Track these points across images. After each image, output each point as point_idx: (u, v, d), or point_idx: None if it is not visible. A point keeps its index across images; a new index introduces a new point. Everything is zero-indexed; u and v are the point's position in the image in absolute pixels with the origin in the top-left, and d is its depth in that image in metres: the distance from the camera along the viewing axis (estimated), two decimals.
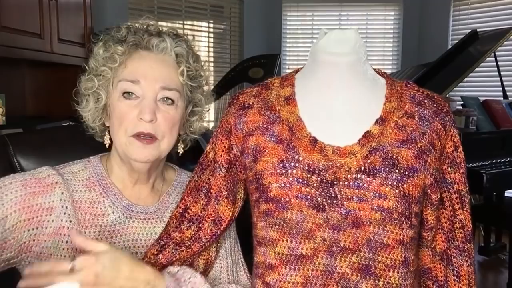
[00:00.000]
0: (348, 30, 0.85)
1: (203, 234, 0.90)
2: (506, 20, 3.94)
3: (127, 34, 0.92)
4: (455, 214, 0.86)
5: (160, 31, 0.94)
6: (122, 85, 0.89)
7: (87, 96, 0.94)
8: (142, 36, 0.92)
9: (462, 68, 2.78)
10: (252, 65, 3.82)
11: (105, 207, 0.93)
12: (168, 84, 0.90)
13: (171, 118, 0.91)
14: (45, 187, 0.88)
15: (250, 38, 4.52)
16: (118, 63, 0.90)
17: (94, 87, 0.92)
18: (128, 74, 0.90)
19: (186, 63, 0.93)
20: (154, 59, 0.91)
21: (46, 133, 1.26)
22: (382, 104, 0.84)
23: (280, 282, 0.79)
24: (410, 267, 0.80)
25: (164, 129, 0.90)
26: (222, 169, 0.89)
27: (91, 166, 0.96)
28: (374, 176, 0.77)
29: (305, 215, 0.77)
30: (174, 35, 0.95)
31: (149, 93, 0.89)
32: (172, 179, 1.05)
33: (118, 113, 0.90)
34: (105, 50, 0.92)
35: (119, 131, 0.90)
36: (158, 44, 0.91)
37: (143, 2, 3.92)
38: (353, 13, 4.62)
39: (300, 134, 0.81)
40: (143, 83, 0.88)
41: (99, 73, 0.92)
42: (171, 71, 0.92)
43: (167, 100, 0.90)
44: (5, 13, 2.19)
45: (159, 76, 0.90)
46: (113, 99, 0.91)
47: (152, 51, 0.92)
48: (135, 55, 0.91)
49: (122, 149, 0.91)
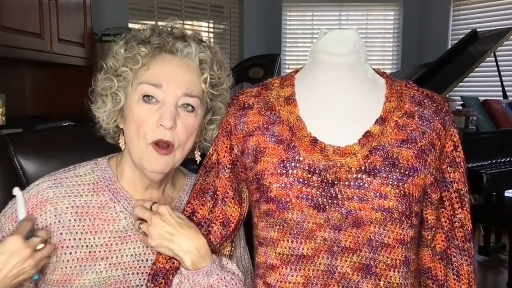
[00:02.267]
0: (348, 30, 0.85)
1: (213, 238, 0.89)
2: (506, 20, 3.94)
3: (151, 35, 0.89)
4: (455, 214, 0.86)
5: (185, 34, 0.91)
6: (142, 88, 0.86)
7: (104, 97, 0.91)
8: (167, 39, 0.88)
9: (462, 68, 2.78)
10: (252, 65, 3.82)
11: (117, 212, 0.91)
12: (191, 91, 0.87)
13: (191, 126, 0.88)
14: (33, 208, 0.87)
15: (250, 38, 4.52)
16: (140, 65, 0.87)
17: (113, 88, 0.88)
18: (150, 77, 0.86)
19: (210, 70, 0.90)
20: (178, 64, 0.88)
21: (46, 133, 1.26)
22: (382, 104, 0.84)
23: (281, 282, 0.79)
24: (411, 267, 0.80)
25: (181, 138, 0.87)
26: (226, 170, 0.89)
27: (98, 170, 0.94)
28: (374, 176, 0.77)
29: (305, 215, 0.77)
30: (199, 40, 0.92)
31: (171, 98, 0.86)
32: (183, 184, 1.03)
33: (137, 117, 0.86)
34: (126, 50, 0.88)
35: (138, 137, 0.87)
36: (183, 48, 0.88)
37: (143, 2, 3.92)
38: (353, 13, 4.63)
39: (301, 134, 0.81)
40: (165, 87, 0.85)
41: (119, 74, 0.88)
42: (194, 77, 0.89)
43: (187, 107, 0.88)
44: (5, 13, 2.19)
45: (182, 81, 0.87)
46: (132, 101, 0.88)
47: (176, 55, 0.88)
48: (158, 58, 0.88)
49: (139, 156, 0.88)
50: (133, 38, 0.89)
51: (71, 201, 0.88)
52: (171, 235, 0.83)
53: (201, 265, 0.83)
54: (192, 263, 0.82)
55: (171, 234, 0.83)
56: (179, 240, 0.83)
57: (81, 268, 0.86)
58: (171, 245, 0.83)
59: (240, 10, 4.52)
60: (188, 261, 0.82)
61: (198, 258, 0.83)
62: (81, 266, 0.86)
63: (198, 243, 0.83)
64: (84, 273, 0.86)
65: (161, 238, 0.83)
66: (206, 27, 4.44)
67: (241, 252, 1.01)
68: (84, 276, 0.86)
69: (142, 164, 0.88)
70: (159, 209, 0.85)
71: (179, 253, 0.83)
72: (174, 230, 0.83)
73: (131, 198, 0.93)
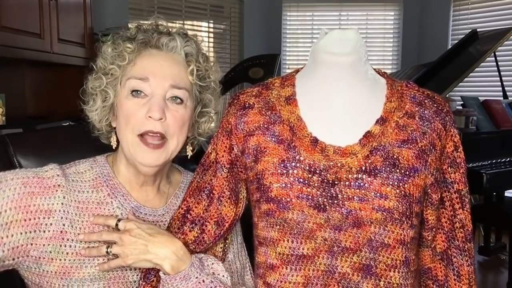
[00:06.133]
0: (348, 30, 0.85)
1: (207, 237, 0.89)
2: (506, 20, 3.94)
3: (136, 32, 0.91)
4: (455, 214, 0.86)
5: (170, 30, 0.94)
6: (130, 83, 0.88)
7: (94, 95, 0.93)
8: (152, 35, 0.91)
9: (462, 68, 2.78)
10: (252, 65, 3.81)
11: (113, 208, 0.91)
12: (177, 83, 0.89)
13: (181, 117, 0.89)
14: (46, 188, 0.86)
15: (250, 38, 4.52)
16: (127, 61, 0.89)
17: (102, 85, 0.90)
18: (137, 71, 0.88)
19: (196, 62, 0.92)
20: (164, 57, 0.90)
21: (46, 133, 1.25)
22: (383, 104, 0.84)
23: (281, 282, 0.79)
24: (411, 267, 0.80)
25: (173, 129, 0.89)
26: (224, 170, 0.89)
27: (97, 166, 0.95)
28: (375, 176, 0.77)
29: (306, 215, 0.77)
30: (184, 34, 0.94)
31: (158, 91, 0.87)
32: (179, 181, 1.03)
33: (126, 112, 0.88)
34: (114, 49, 0.91)
35: (126, 130, 0.88)
36: (168, 42, 0.91)
37: (143, 2, 3.92)
38: (353, 13, 4.63)
39: (301, 134, 0.81)
40: (152, 80, 0.87)
41: (107, 72, 0.90)
42: (180, 70, 0.91)
43: (176, 99, 0.89)
44: (5, 13, 2.19)
45: (168, 74, 0.89)
46: (121, 97, 0.89)
47: (162, 49, 0.91)
48: (144, 53, 0.90)
49: (129, 150, 0.89)
50: (120, 37, 0.92)
51: (75, 196, 0.89)
52: (145, 247, 0.82)
53: (181, 268, 0.83)
54: (172, 267, 0.82)
55: (145, 245, 0.82)
56: (154, 249, 0.82)
57: (80, 262, 0.86)
58: (148, 255, 0.82)
59: (240, 10, 4.52)
60: (168, 266, 0.82)
61: (177, 261, 0.83)
62: (80, 259, 0.86)
63: (174, 247, 0.83)
64: (83, 266, 0.87)
65: (137, 253, 0.82)
66: (206, 27, 4.44)
67: (238, 248, 1.01)
68: (83, 269, 0.87)
69: (135, 158, 0.89)
70: (126, 226, 0.85)
71: (157, 261, 0.82)
72: (146, 241, 0.82)
73: (128, 194, 0.93)
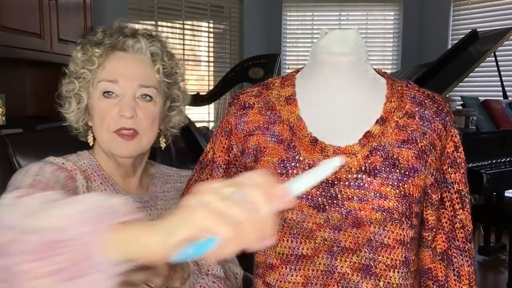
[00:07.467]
0: (348, 30, 0.85)
1: None
2: (506, 20, 3.93)
3: (103, 37, 0.96)
4: (456, 214, 0.86)
5: (134, 32, 0.98)
6: (101, 85, 0.94)
7: (69, 98, 0.99)
8: (118, 38, 0.96)
9: (462, 68, 2.78)
10: (252, 65, 3.81)
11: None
12: (145, 82, 0.94)
13: (151, 113, 0.95)
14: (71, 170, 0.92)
15: (250, 38, 4.51)
16: (96, 65, 0.94)
17: (75, 89, 0.97)
18: (107, 74, 0.94)
19: (161, 61, 0.97)
20: (131, 59, 0.95)
21: (46, 133, 1.26)
22: (383, 104, 0.84)
23: (281, 282, 0.79)
24: (411, 267, 0.80)
25: (145, 124, 0.94)
26: (220, 170, 0.89)
27: (84, 159, 0.99)
28: (374, 176, 0.77)
29: (305, 215, 0.77)
30: (148, 36, 0.99)
31: (128, 91, 0.93)
32: (154, 172, 1.10)
33: (100, 112, 0.94)
34: (83, 53, 0.96)
35: (101, 129, 0.94)
36: (134, 44, 0.95)
37: (143, 2, 3.92)
38: (353, 13, 4.62)
39: (301, 134, 0.81)
40: (121, 82, 0.92)
41: (79, 76, 0.96)
42: (147, 70, 0.96)
43: (145, 97, 0.94)
44: (5, 13, 2.19)
45: (136, 74, 0.94)
46: (94, 99, 0.95)
47: (128, 51, 0.96)
48: (112, 56, 0.95)
49: (106, 145, 0.95)
50: (88, 42, 0.97)
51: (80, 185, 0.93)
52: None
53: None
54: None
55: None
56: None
57: None
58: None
59: (240, 10, 4.51)
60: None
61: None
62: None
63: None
64: None
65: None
66: (206, 27, 4.43)
67: None
68: None
69: (112, 151, 0.94)
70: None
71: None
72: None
73: (116, 184, 0.98)
